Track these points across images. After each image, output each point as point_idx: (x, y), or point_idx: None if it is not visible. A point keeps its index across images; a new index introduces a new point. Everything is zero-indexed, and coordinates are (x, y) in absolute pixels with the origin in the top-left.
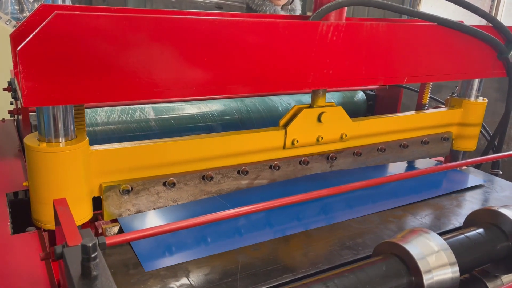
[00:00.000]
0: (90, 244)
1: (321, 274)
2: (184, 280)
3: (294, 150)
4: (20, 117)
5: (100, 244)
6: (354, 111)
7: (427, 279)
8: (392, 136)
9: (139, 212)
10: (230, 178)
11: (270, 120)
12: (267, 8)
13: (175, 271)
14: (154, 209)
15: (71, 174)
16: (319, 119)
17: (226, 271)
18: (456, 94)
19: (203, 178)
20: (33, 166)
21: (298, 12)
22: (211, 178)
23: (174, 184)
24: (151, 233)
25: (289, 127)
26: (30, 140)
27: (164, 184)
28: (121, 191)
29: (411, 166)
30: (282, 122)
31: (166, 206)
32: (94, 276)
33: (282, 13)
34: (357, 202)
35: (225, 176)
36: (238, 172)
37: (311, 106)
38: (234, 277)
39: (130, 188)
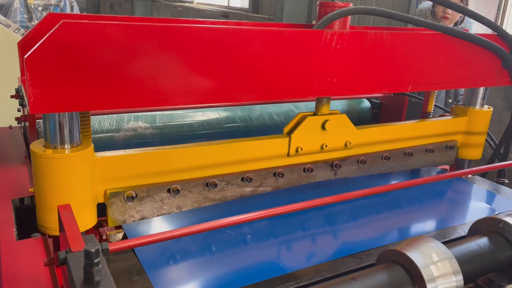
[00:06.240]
0: (93, 250)
1: (324, 282)
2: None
3: (298, 157)
4: (27, 124)
5: (103, 250)
6: (359, 119)
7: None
8: (397, 144)
9: (143, 218)
10: (234, 185)
11: (273, 128)
12: None
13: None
14: (158, 215)
15: (76, 180)
16: (323, 127)
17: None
18: (461, 102)
19: (207, 185)
20: (38, 172)
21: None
22: (215, 185)
23: (178, 191)
24: (154, 239)
25: (293, 135)
26: (36, 146)
27: (168, 191)
28: (125, 197)
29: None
30: (286, 129)
31: (170, 213)
32: (97, 282)
33: None
34: (360, 212)
35: (229, 183)
36: (242, 180)
37: (315, 113)
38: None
39: (135, 195)
